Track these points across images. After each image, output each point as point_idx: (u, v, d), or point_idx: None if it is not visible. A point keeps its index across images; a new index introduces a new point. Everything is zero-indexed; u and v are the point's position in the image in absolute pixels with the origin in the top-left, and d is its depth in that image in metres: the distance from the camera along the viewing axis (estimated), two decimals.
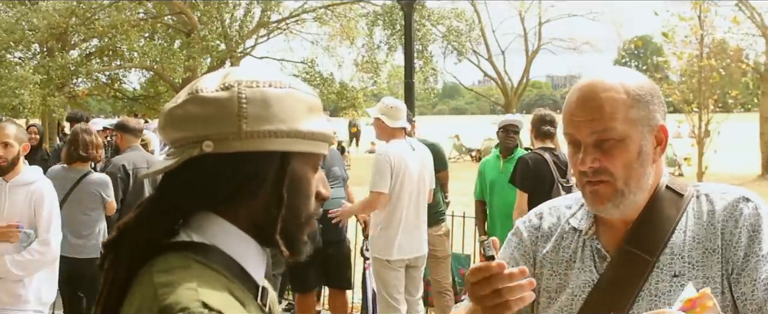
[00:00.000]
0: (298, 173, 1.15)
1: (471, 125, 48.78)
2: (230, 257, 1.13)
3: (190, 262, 1.09)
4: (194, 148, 1.10)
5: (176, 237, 1.14)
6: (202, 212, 1.14)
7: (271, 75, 1.15)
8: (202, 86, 1.13)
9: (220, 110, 1.10)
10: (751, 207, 1.47)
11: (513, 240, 1.68)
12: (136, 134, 6.01)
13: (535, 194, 5.08)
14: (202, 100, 1.11)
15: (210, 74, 1.18)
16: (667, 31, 12.12)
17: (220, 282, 1.08)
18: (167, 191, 1.14)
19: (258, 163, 1.11)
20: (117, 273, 1.13)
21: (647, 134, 1.47)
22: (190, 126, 1.11)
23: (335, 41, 26.29)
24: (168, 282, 1.05)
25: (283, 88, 1.14)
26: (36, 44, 22.40)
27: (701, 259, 1.46)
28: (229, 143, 1.09)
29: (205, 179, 1.11)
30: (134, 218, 1.15)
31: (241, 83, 1.12)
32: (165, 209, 1.13)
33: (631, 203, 1.50)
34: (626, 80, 1.48)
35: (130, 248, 1.12)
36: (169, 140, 1.16)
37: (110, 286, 1.13)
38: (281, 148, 1.12)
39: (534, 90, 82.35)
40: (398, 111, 5.24)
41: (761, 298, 1.38)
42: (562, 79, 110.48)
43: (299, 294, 5.75)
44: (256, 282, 1.17)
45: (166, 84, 24.95)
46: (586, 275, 1.54)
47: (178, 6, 22.33)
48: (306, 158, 1.16)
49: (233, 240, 1.14)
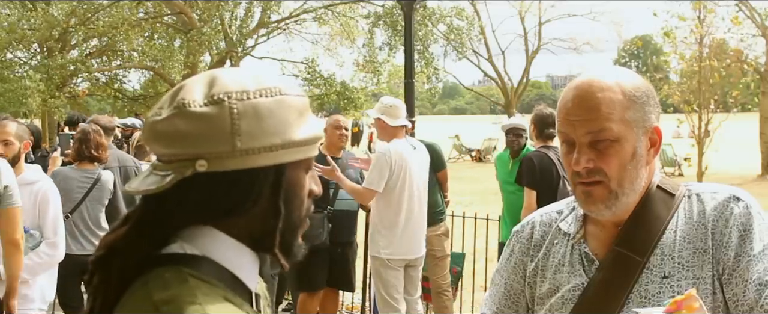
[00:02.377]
0: (292, 180, 1.12)
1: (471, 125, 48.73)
2: (223, 267, 1.11)
3: (185, 275, 1.06)
4: (186, 167, 1.05)
5: (167, 247, 1.11)
6: (196, 223, 1.11)
7: (259, 81, 1.10)
8: (188, 98, 1.06)
9: (211, 128, 1.05)
10: (741, 206, 1.45)
11: (506, 252, 1.70)
12: (109, 133, 5.99)
13: (543, 191, 5.11)
14: (190, 115, 1.05)
15: (192, 80, 1.11)
16: (667, 31, 12.13)
17: (217, 293, 1.06)
18: (157, 209, 1.10)
19: (253, 179, 1.08)
20: (108, 293, 1.09)
21: (642, 135, 1.46)
22: (179, 143, 1.06)
23: (336, 41, 26.29)
24: (168, 298, 1.02)
25: (273, 96, 1.09)
26: (36, 44, 22.41)
27: (691, 259, 1.45)
28: (222, 162, 1.05)
29: (197, 199, 1.07)
30: (123, 235, 1.11)
31: (231, 96, 1.06)
32: (156, 227, 1.10)
33: (623, 205, 1.49)
34: (622, 80, 1.47)
35: (120, 266, 1.09)
36: (156, 154, 1.12)
37: (101, 306, 1.10)
38: (276, 161, 1.08)
39: (534, 90, 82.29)
40: (397, 109, 5.25)
41: (753, 298, 1.37)
42: (562, 79, 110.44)
43: (306, 294, 5.73)
44: (249, 289, 1.15)
45: (166, 84, 24.94)
46: (576, 279, 1.53)
47: (178, 6, 22.33)
48: (300, 164, 1.13)
49: (227, 251, 1.11)
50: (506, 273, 1.67)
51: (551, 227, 1.63)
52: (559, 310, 1.54)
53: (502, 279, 1.67)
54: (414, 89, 8.12)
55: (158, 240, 1.10)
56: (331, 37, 26.56)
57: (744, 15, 18.89)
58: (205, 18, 21.94)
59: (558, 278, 1.56)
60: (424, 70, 23.95)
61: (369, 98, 23.53)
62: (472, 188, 16.71)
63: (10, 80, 19.17)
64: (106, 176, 5.17)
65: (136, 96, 26.94)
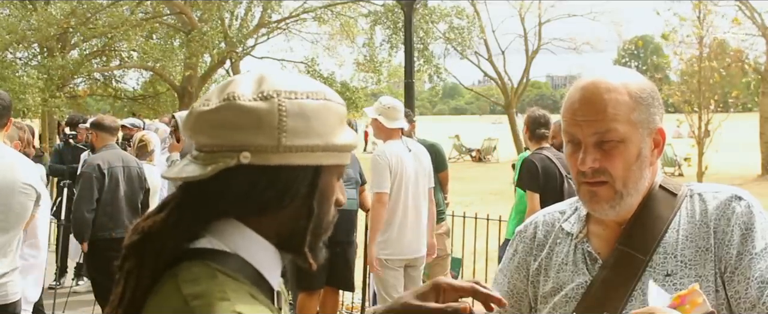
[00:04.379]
0: (326, 184, 1.15)
1: (471, 125, 48.76)
2: (249, 264, 1.13)
3: (214, 271, 1.08)
4: (231, 158, 1.07)
5: (197, 242, 1.12)
6: (226, 218, 1.13)
7: (307, 84, 1.14)
8: (238, 92, 1.10)
9: (259, 122, 1.08)
10: (743, 206, 1.47)
11: (509, 252, 1.71)
12: (112, 133, 6.00)
13: (547, 192, 5.09)
14: (239, 108, 1.08)
15: (241, 77, 1.15)
16: (667, 31, 12.13)
17: (244, 290, 1.08)
18: (196, 197, 1.12)
19: (292, 176, 1.10)
20: (140, 279, 1.10)
21: (646, 136, 1.48)
22: (225, 134, 1.08)
23: (335, 41, 26.29)
24: (199, 293, 1.04)
25: (319, 100, 1.12)
26: (36, 44, 22.42)
27: (694, 258, 1.47)
28: (266, 156, 1.08)
29: (238, 190, 1.10)
30: (160, 222, 1.12)
31: (281, 94, 1.10)
32: (193, 216, 1.11)
33: (627, 205, 1.50)
34: (628, 81, 1.48)
35: (155, 253, 1.10)
36: (197, 144, 1.13)
37: (133, 291, 1.11)
38: (316, 162, 1.11)
39: (534, 90, 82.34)
40: (395, 111, 5.23)
41: (755, 296, 1.39)
42: (562, 79, 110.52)
43: (305, 294, 5.73)
44: (271, 287, 1.17)
45: (166, 84, 24.94)
46: (580, 277, 1.55)
47: (178, 6, 22.34)
48: (334, 169, 1.16)
49: (255, 249, 1.13)
50: (509, 272, 1.68)
51: (554, 227, 1.64)
52: (562, 308, 1.55)
53: (505, 278, 1.69)
54: (414, 88, 8.14)
55: (193, 230, 1.12)
56: (331, 37, 26.57)
57: (744, 15, 18.88)
58: (205, 18, 21.94)
59: (561, 277, 1.57)
60: (423, 69, 23.95)
61: (369, 98, 23.54)
62: (473, 188, 16.72)
63: (10, 78, 19.17)
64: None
65: (136, 96, 26.95)
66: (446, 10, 25.36)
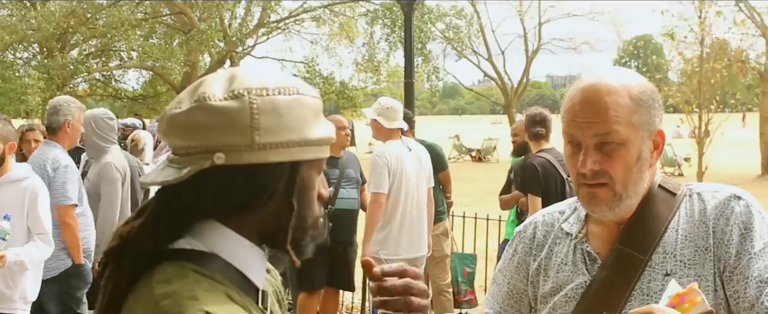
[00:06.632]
0: (305, 179, 1.14)
1: (471, 125, 48.78)
2: (230, 264, 1.12)
3: (187, 271, 1.07)
4: (204, 159, 1.07)
5: (176, 242, 1.12)
6: (206, 219, 1.12)
7: (277, 79, 1.12)
8: (209, 92, 1.09)
9: (231, 121, 1.07)
10: (742, 205, 1.47)
11: (508, 252, 1.71)
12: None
13: (548, 194, 5.08)
14: (210, 108, 1.07)
15: (212, 77, 1.14)
16: (668, 31, 12.13)
17: (219, 290, 1.07)
18: (173, 201, 1.11)
19: (269, 174, 1.10)
20: (118, 283, 1.11)
21: (647, 138, 1.48)
22: (198, 135, 1.08)
23: (335, 40, 26.28)
24: (169, 293, 1.04)
25: (292, 95, 1.11)
26: (36, 44, 22.43)
27: (693, 257, 1.47)
28: (241, 155, 1.07)
29: (214, 191, 1.09)
30: (138, 227, 1.12)
31: (251, 92, 1.08)
32: (171, 219, 1.11)
33: (626, 206, 1.50)
34: (629, 83, 1.48)
35: (133, 257, 1.10)
36: (172, 147, 1.13)
37: (111, 295, 1.12)
38: (292, 158, 1.10)
39: (534, 90, 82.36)
40: (395, 112, 5.23)
41: (753, 296, 1.39)
42: (562, 79, 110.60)
43: (306, 294, 5.73)
44: (256, 286, 1.17)
45: (166, 83, 24.95)
46: (579, 277, 1.55)
47: (177, 6, 22.34)
48: (312, 164, 1.15)
49: (235, 248, 1.13)
50: (509, 272, 1.68)
51: (553, 227, 1.65)
52: (562, 308, 1.55)
53: (505, 279, 1.69)
54: (414, 88, 8.12)
55: (172, 233, 1.11)
56: (331, 37, 26.58)
57: (744, 15, 18.88)
58: (204, 18, 21.95)
59: (561, 277, 1.57)
60: (421, 68, 23.92)
61: (368, 98, 23.54)
62: (472, 188, 16.71)
63: (11, 79, 19.20)
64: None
65: (136, 96, 26.96)
66: (445, 9, 25.38)
